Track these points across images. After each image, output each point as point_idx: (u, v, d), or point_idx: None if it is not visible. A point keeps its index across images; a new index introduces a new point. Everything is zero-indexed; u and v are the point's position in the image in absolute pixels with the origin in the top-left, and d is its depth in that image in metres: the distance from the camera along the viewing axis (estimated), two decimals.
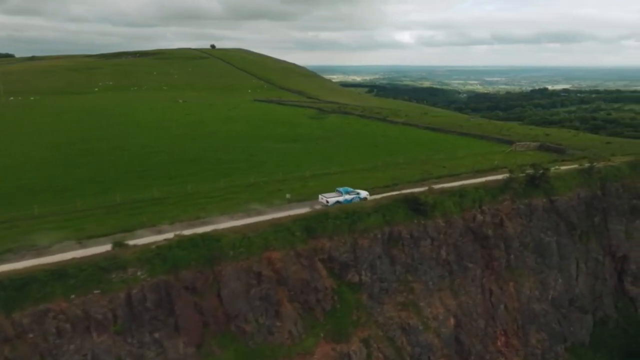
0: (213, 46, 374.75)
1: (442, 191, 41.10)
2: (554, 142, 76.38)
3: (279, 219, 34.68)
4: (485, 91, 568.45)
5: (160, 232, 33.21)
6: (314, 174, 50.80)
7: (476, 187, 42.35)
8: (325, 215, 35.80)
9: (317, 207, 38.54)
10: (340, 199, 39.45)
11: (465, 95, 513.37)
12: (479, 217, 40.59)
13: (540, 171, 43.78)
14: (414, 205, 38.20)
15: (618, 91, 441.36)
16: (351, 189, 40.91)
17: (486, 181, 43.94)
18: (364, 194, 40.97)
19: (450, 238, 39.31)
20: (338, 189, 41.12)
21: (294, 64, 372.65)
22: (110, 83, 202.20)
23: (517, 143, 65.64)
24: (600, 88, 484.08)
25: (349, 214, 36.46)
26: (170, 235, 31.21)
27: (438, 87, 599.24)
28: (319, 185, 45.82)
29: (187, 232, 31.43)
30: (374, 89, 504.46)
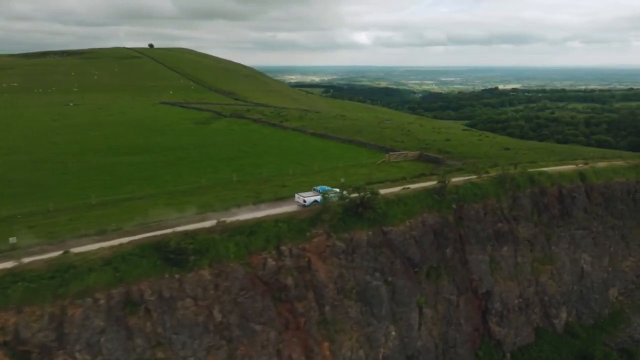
0: (151, 45, 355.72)
1: (227, 229, 30.78)
2: (451, 148, 68.48)
3: None
4: (441, 91, 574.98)
5: None
6: (95, 202, 39.31)
7: (278, 219, 32.27)
8: (14, 276, 24.69)
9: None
10: (318, 198, 36.61)
11: (420, 95, 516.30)
12: (271, 262, 30.49)
13: (367, 195, 34.21)
14: (166, 253, 27.66)
15: (563, 90, 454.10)
16: (329, 187, 38.31)
17: (295, 212, 33.91)
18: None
19: (226, 294, 29.00)
20: (315, 187, 38.71)
21: (239, 65, 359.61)
22: (15, 84, 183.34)
23: (391, 153, 56.80)
24: (548, 87, 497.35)
25: (58, 270, 25.54)
26: None
27: (394, 87, 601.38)
28: (66, 223, 34.33)
29: None
30: (330, 89, 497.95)
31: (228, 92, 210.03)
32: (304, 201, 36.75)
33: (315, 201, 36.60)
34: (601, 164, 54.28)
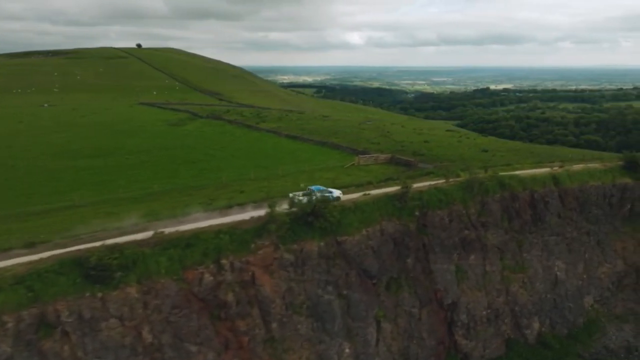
0: (139, 45, 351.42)
1: (162, 241, 28.39)
2: (427, 150, 66.44)
3: None
4: (433, 91, 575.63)
5: None
6: (35, 210, 36.72)
7: (220, 230, 29.93)
8: None
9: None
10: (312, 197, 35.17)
11: (412, 95, 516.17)
12: (208, 277, 28.15)
13: (319, 203, 31.96)
14: (87, 270, 25.24)
15: (554, 90, 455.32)
16: (323, 187, 37.76)
17: (240, 221, 31.55)
18: (336, 193, 37.29)
19: (157, 313, 26.64)
20: (310, 187, 37.57)
21: (229, 65, 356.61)
22: None
23: (361, 156, 54.62)
24: (539, 87, 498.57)
25: None
26: None
27: (387, 87, 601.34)
28: None
29: None
30: (322, 89, 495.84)
31: (214, 92, 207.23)
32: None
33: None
34: (577, 167, 52.47)
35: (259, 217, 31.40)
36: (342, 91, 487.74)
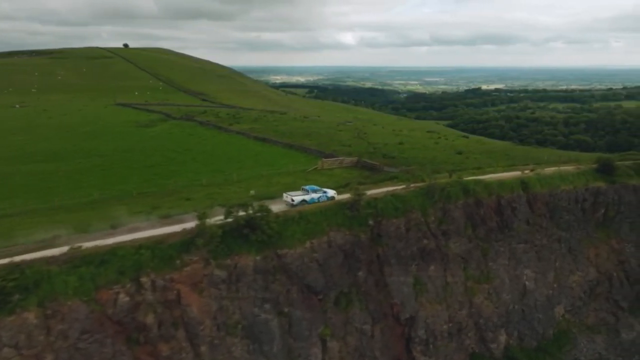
0: (126, 45, 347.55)
1: (74, 258, 25.67)
2: (398, 153, 64.16)
3: None
4: (425, 91, 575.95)
5: None
6: None
7: (141, 245, 27.25)
8: None
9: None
10: (307, 197, 36.43)
11: (404, 95, 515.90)
12: (124, 297, 25.50)
13: (255, 214, 29.39)
14: None
15: (544, 90, 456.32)
16: (317, 187, 38.16)
17: (168, 234, 28.89)
18: (331, 192, 37.83)
19: (62, 339, 23.94)
20: (304, 187, 38.02)
21: (218, 65, 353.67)
22: None
23: (325, 159, 52.13)
24: (530, 88, 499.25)
25: None
26: None
27: (379, 87, 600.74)
28: None
29: None
30: (314, 89, 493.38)
31: (198, 92, 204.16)
32: (292, 200, 36.12)
33: (304, 201, 36.21)
34: (548, 170, 50.29)
35: (190, 230, 28.78)
36: (335, 91, 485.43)
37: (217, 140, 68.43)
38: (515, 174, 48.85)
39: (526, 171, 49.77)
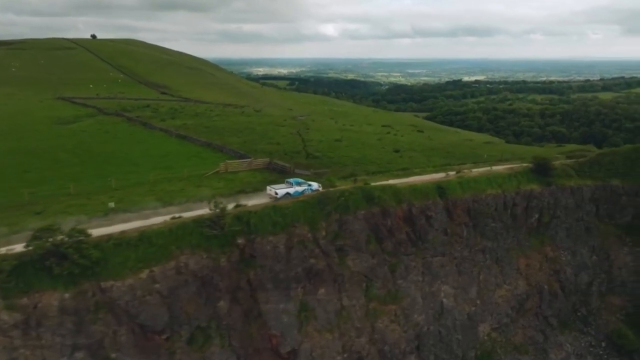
0: (94, 36, 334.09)
1: None
2: (329, 151, 58.71)
3: None
4: (407, 83, 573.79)
5: None
6: None
7: None
8: None
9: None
10: (290, 190, 35.99)
11: (386, 87, 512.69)
12: None
13: (69, 239, 23.55)
14: None
15: (523, 82, 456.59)
16: (302, 180, 37.71)
17: None
18: (315, 185, 37.24)
19: None
20: (288, 180, 37.64)
21: (191, 57, 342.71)
22: None
23: (228, 161, 46.30)
24: (510, 79, 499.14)
25: None
26: None
27: (361, 79, 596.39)
28: None
29: None
30: (295, 82, 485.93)
31: (160, 85, 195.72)
32: (276, 193, 35.42)
33: (288, 193, 35.48)
34: (476, 172, 45.36)
35: None
36: (316, 83, 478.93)
37: (131, 139, 62.11)
38: (439, 176, 43.88)
39: (451, 173, 44.82)
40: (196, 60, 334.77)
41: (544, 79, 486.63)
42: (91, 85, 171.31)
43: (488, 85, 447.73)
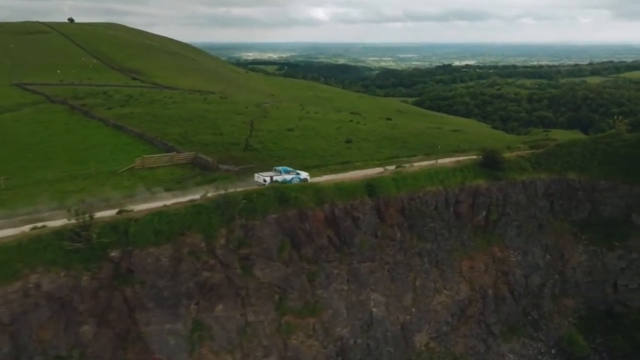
0: (71, 20, 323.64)
1: None
2: (270, 143, 54.55)
3: None
4: (398, 67, 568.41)
5: None
6: None
7: None
8: None
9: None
10: (279, 178, 35.91)
11: (376, 72, 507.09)
12: None
13: None
14: None
15: (513, 66, 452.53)
16: (291, 169, 38.05)
17: None
18: (304, 174, 37.56)
19: None
20: (276, 168, 37.99)
21: (174, 41, 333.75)
22: None
23: (145, 157, 41.97)
24: (501, 64, 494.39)
25: None
26: None
27: (352, 64, 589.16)
28: None
29: None
30: (284, 67, 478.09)
31: (134, 71, 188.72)
32: (264, 181, 35.39)
33: (276, 182, 35.28)
34: (417, 166, 41.41)
35: None
36: (306, 68, 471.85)
37: (62, 130, 57.47)
38: (377, 171, 39.94)
39: (390, 167, 40.88)
40: (179, 45, 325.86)
41: (534, 63, 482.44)
42: (59, 71, 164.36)
43: (478, 70, 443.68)
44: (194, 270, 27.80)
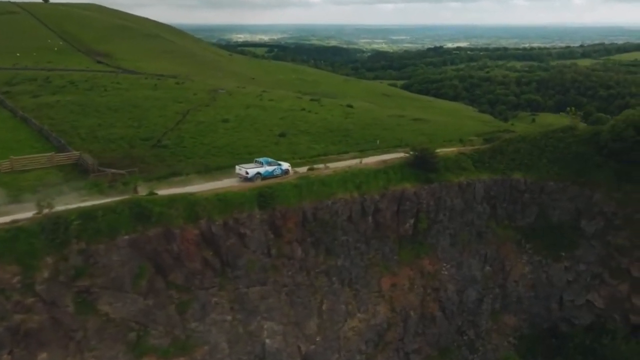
0: (46, 0, 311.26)
1: None
2: (199, 137, 48.59)
3: None
4: (390, 50, 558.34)
5: None
6: None
7: None
8: None
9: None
10: (261, 170, 33.92)
11: (368, 54, 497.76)
12: None
13: None
14: None
15: (504, 49, 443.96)
16: (272, 160, 35.67)
17: None
18: (285, 165, 35.39)
19: None
20: (257, 159, 35.45)
21: (154, 22, 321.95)
22: None
23: (14, 158, 35.80)
24: (493, 46, 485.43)
25: None
26: None
27: (344, 46, 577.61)
28: None
29: None
30: (274, 49, 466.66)
31: (103, 54, 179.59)
32: (247, 173, 33.27)
33: (259, 173, 33.53)
34: (332, 168, 35.50)
35: None
36: (296, 50, 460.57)
37: None
38: (280, 181, 34.06)
39: (301, 169, 35.07)
40: (162, 27, 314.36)
41: (526, 45, 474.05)
42: (18, 54, 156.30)
43: (469, 52, 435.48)
44: (2, 313, 22.13)
